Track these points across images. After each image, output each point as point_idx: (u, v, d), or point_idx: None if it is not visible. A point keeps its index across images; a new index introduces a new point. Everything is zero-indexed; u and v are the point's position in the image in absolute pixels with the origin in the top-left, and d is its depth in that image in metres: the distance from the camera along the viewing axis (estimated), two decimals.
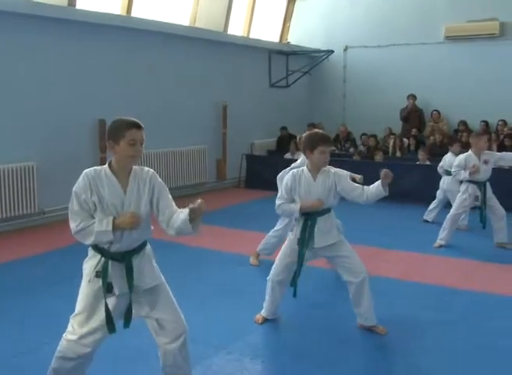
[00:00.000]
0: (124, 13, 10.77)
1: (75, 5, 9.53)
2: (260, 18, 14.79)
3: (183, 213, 3.28)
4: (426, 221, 9.31)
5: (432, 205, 9.29)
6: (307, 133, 4.82)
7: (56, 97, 9.24)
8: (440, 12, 13.92)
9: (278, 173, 12.11)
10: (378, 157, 12.07)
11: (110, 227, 3.26)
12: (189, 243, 7.71)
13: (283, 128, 14.24)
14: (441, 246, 7.76)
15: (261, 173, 12.70)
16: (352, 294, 4.86)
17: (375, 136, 13.64)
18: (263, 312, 5.16)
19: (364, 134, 13.97)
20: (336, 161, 12.02)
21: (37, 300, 5.71)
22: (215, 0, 12.64)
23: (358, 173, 6.17)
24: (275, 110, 14.41)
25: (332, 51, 14.01)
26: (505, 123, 13.10)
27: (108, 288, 3.34)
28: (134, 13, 10.95)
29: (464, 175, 7.48)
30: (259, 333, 4.94)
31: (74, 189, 3.39)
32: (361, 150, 13.61)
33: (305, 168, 4.79)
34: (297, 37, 15.80)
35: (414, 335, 4.90)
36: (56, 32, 9.17)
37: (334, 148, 14.24)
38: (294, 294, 4.91)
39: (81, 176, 3.41)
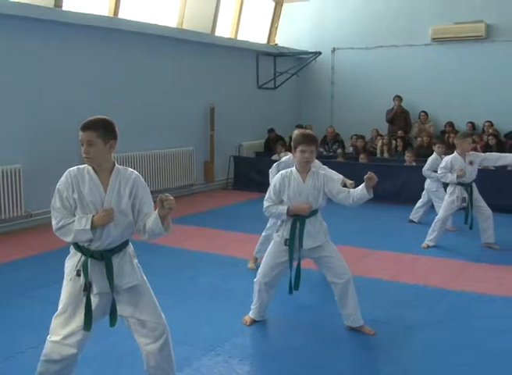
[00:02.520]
0: (111, 15, 10.73)
1: (61, 7, 9.49)
2: (247, 20, 14.79)
3: (153, 213, 3.38)
4: (412, 221, 9.34)
5: (417, 205, 9.31)
6: (294, 134, 4.95)
7: (42, 99, 9.20)
8: (427, 14, 13.99)
9: (266, 175, 12.12)
10: (362, 158, 12.10)
11: (89, 226, 3.30)
12: (177, 245, 7.70)
13: (271, 130, 14.25)
14: (429, 247, 7.79)
15: (249, 174, 12.72)
16: (337, 295, 4.88)
17: (362, 137, 13.69)
18: (251, 314, 5.16)
19: (354, 135, 13.99)
20: (320, 162, 12.12)
21: (23, 304, 5.67)
22: (202, 2, 12.62)
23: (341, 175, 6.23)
24: (262, 112, 14.42)
25: (320, 53, 14.03)
26: (491, 124, 13.17)
27: (85, 287, 3.37)
28: (121, 15, 10.92)
29: (451, 178, 7.51)
30: (247, 334, 4.94)
31: (57, 186, 3.46)
32: (349, 151, 13.65)
33: (294, 169, 4.83)
34: (285, 38, 15.82)
35: (401, 335, 4.91)
36: (42, 33, 9.13)
37: (321, 149, 14.28)
38: (290, 291, 4.94)
39: (64, 174, 3.49)
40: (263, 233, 6.65)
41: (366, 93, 14.82)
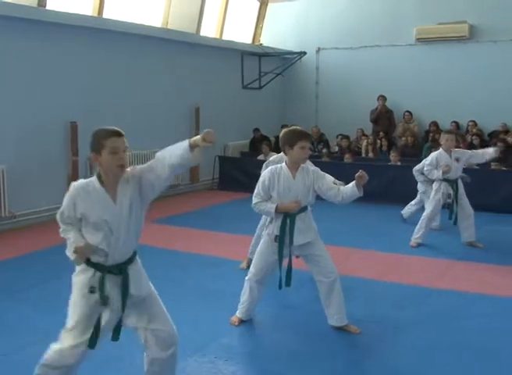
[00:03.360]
0: (95, 14, 10.68)
1: (45, 6, 9.43)
2: (232, 19, 14.77)
3: (181, 145, 3.20)
4: (402, 216, 9.33)
5: (412, 202, 9.26)
6: (286, 129, 4.82)
7: (26, 99, 9.14)
8: (411, 15, 14.05)
9: (251, 175, 12.16)
10: (347, 158, 12.13)
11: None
12: (164, 246, 7.68)
13: (256, 130, 14.25)
14: (419, 245, 7.81)
15: (235, 174, 12.72)
16: (322, 294, 4.89)
17: (347, 137, 13.72)
18: (239, 314, 5.15)
19: (340, 135, 14.02)
20: None
21: (6, 306, 5.61)
22: (187, 1, 12.60)
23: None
24: (247, 112, 14.42)
25: (305, 53, 14.04)
26: (475, 123, 13.27)
27: (105, 301, 3.26)
28: (106, 15, 10.87)
29: (437, 174, 7.54)
30: (234, 334, 4.93)
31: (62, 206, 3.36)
32: (334, 151, 13.68)
33: (284, 165, 4.78)
34: (270, 38, 15.82)
35: (388, 334, 4.93)
36: (26, 33, 9.06)
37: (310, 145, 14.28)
38: (280, 287, 4.94)
39: (67, 195, 3.32)
40: (257, 231, 6.56)
41: (351, 93, 14.86)
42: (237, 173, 12.72)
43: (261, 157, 12.90)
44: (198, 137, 3.18)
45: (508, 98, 13.07)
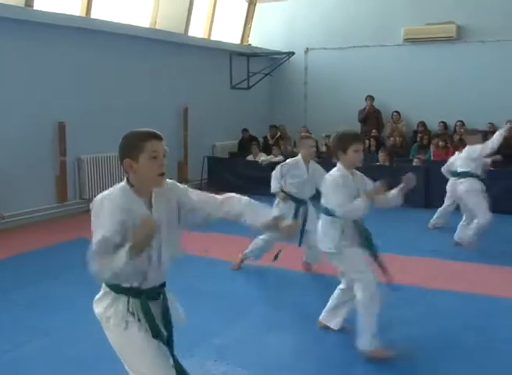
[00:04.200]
0: (83, 14, 10.63)
1: (32, 6, 9.38)
2: (221, 20, 14.75)
3: (265, 213, 2.97)
4: (434, 227, 9.08)
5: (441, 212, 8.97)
6: (336, 134, 4.61)
7: (14, 99, 9.09)
8: (399, 15, 14.08)
9: (240, 175, 12.15)
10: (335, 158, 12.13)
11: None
12: None
13: (245, 130, 14.23)
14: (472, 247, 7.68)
15: (223, 175, 12.70)
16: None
17: (328, 136, 13.71)
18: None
19: (328, 136, 14.00)
20: None
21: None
22: (175, 2, 12.57)
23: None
24: (236, 112, 14.39)
25: (293, 53, 14.06)
26: (463, 123, 13.29)
27: (157, 332, 2.87)
28: (94, 15, 10.82)
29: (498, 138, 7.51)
30: (224, 335, 4.92)
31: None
32: (323, 151, 13.69)
33: (339, 172, 4.50)
34: (258, 38, 15.81)
35: (383, 334, 4.93)
36: (13, 33, 9.01)
37: (295, 149, 14.29)
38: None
39: (103, 214, 2.80)
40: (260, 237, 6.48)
41: (339, 93, 14.87)
42: (226, 174, 12.71)
43: (250, 157, 12.92)
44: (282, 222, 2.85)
45: (495, 99, 13.13)
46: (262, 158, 12.45)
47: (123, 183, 2.88)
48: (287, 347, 4.71)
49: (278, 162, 12.19)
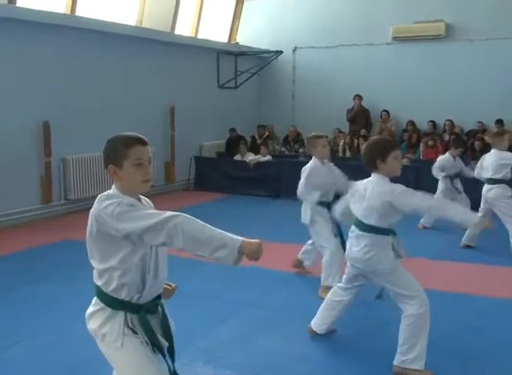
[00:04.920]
0: (68, 12, 10.52)
1: (15, 3, 9.27)
2: (208, 18, 14.67)
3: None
4: (423, 227, 8.99)
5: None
6: (371, 141, 4.35)
7: None
8: (388, 14, 14.05)
9: (227, 175, 12.07)
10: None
11: None
12: None
13: (232, 129, 14.16)
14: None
15: (211, 175, 12.67)
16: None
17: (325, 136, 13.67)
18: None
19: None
20: (283, 162, 12.12)
21: None
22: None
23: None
24: (223, 111, 14.31)
25: (281, 52, 14.03)
26: (452, 122, 13.31)
27: (158, 346, 2.80)
28: (79, 12, 10.71)
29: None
30: (210, 337, 4.88)
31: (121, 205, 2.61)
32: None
33: (382, 180, 4.18)
34: (246, 37, 15.73)
35: (369, 335, 4.92)
36: None
37: (283, 148, 14.30)
38: None
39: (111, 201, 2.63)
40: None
41: (327, 92, 14.83)
42: (213, 174, 12.67)
43: (237, 157, 12.86)
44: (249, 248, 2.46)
45: (484, 97, 13.14)
46: (250, 157, 12.41)
47: (113, 190, 2.76)
48: (275, 348, 4.66)
49: (266, 162, 12.28)
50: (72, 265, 6.79)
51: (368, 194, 4.19)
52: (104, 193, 2.73)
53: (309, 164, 5.99)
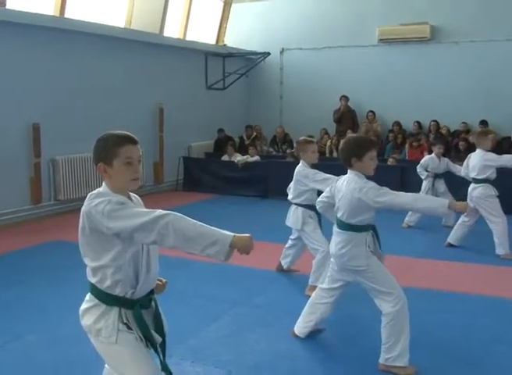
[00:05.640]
0: (57, 14, 10.53)
1: (5, 5, 9.27)
2: (196, 20, 14.71)
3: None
4: (408, 226, 9.13)
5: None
6: (349, 139, 4.38)
7: None
8: (374, 16, 14.16)
9: (216, 175, 12.07)
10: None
11: None
12: None
13: (220, 130, 14.22)
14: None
15: (199, 175, 12.72)
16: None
17: (311, 137, 13.74)
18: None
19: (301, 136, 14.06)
20: (271, 162, 12.20)
21: None
22: (150, 1, 12.52)
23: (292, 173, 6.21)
24: (212, 112, 14.37)
25: (269, 54, 14.08)
26: (437, 123, 13.44)
27: (151, 341, 2.84)
28: (68, 14, 10.73)
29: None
30: (199, 336, 4.91)
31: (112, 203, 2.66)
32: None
33: (356, 177, 4.21)
34: (234, 39, 15.80)
35: (353, 333, 4.98)
36: None
37: (271, 149, 14.38)
38: None
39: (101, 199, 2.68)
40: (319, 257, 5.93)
41: (315, 93, 14.93)
42: (202, 174, 12.72)
43: (225, 157, 12.92)
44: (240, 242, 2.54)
45: (468, 98, 13.30)
46: (238, 158, 12.47)
47: (103, 188, 2.80)
48: (263, 347, 4.69)
49: (254, 162, 12.35)
50: (62, 265, 6.83)
51: (343, 190, 4.27)
52: (95, 191, 2.77)
53: (298, 169, 6.01)
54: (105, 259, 2.72)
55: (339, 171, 4.58)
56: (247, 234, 2.55)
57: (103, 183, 2.82)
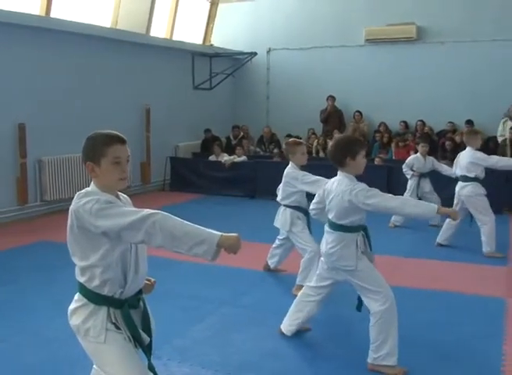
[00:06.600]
0: (43, 14, 10.49)
1: None
2: (183, 20, 14.70)
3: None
4: (394, 226, 9.12)
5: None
6: (341, 139, 4.44)
7: None
8: (360, 16, 14.21)
9: (203, 176, 12.06)
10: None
11: None
12: None
13: (207, 130, 14.21)
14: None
15: (186, 175, 12.71)
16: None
17: (298, 137, 13.77)
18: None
19: (288, 135, 14.10)
20: (258, 162, 12.21)
21: None
22: (136, 1, 12.50)
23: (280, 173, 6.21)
24: (198, 112, 14.36)
25: (256, 54, 14.09)
26: (423, 123, 13.49)
27: (139, 341, 2.84)
28: (54, 14, 10.69)
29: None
30: (187, 336, 4.91)
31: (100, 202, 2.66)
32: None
33: (346, 178, 4.27)
34: (220, 39, 15.80)
35: (340, 333, 4.99)
36: None
37: (258, 149, 14.39)
38: None
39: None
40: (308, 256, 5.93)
41: (301, 93, 14.95)
42: (189, 174, 12.72)
43: (212, 158, 12.91)
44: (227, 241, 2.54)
45: (454, 98, 13.38)
46: (225, 158, 12.47)
47: (91, 187, 2.81)
48: (249, 346, 4.70)
49: (241, 163, 12.36)
50: (48, 266, 6.81)
51: (334, 192, 4.29)
52: (83, 190, 2.77)
53: (287, 170, 6.01)
54: (93, 258, 2.71)
55: (326, 171, 4.60)
56: (235, 234, 2.55)
57: (91, 183, 2.83)
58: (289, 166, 6.04)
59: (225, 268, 6.56)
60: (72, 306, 2.86)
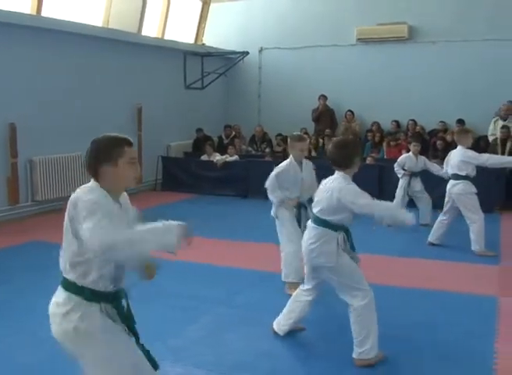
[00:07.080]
0: (34, 13, 10.44)
1: None
2: (175, 19, 14.68)
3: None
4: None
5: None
6: (347, 141, 4.55)
7: None
8: (352, 15, 14.22)
9: (194, 175, 12.05)
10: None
11: None
12: None
13: (199, 130, 14.20)
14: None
15: (178, 175, 12.71)
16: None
17: (305, 133, 13.76)
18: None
19: (278, 135, 14.13)
20: (250, 162, 12.19)
21: None
22: (128, 1, 12.46)
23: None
24: (190, 112, 14.35)
25: (247, 53, 14.10)
26: (415, 122, 13.52)
27: (132, 330, 2.98)
28: (45, 13, 10.64)
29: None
30: (179, 336, 4.91)
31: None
32: (278, 150, 13.75)
33: (342, 178, 4.34)
34: (212, 38, 15.77)
35: (333, 332, 5.00)
36: None
37: (250, 148, 14.37)
38: None
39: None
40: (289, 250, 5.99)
41: (293, 92, 14.95)
42: (181, 174, 12.71)
43: (204, 157, 12.90)
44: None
45: (446, 97, 13.41)
46: (217, 157, 12.46)
47: (95, 185, 2.83)
48: (243, 346, 4.71)
49: (233, 162, 12.36)
50: (42, 266, 6.77)
51: (325, 188, 4.37)
52: (88, 185, 2.82)
53: (284, 163, 6.13)
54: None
55: (319, 170, 4.61)
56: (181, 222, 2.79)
57: (95, 183, 2.84)
58: (288, 159, 6.16)
59: (219, 268, 6.57)
60: (60, 310, 2.82)
